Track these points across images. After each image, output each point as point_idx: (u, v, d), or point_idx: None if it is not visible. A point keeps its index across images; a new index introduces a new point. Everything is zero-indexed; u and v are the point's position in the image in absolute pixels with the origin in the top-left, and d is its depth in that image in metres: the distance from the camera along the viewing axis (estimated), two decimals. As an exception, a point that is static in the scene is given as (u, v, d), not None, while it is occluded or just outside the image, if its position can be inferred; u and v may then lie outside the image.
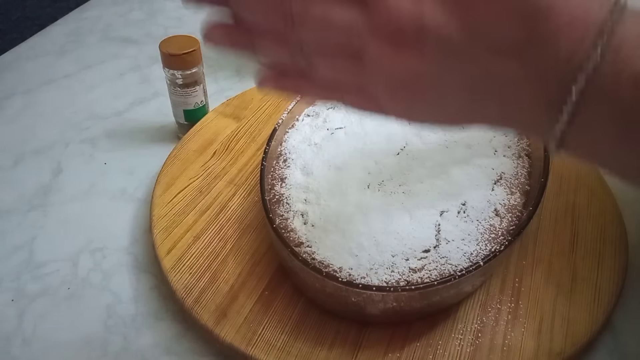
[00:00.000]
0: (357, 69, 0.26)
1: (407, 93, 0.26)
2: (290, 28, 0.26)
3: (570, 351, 0.43)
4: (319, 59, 0.27)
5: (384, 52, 0.25)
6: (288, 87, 0.30)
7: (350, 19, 0.25)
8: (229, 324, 0.45)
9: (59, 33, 0.85)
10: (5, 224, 0.57)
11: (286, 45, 0.27)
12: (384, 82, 0.26)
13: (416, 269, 0.43)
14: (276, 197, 0.49)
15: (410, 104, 0.27)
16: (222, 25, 0.28)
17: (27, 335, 0.47)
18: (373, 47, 0.25)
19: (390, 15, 0.24)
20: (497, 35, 0.24)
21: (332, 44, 0.26)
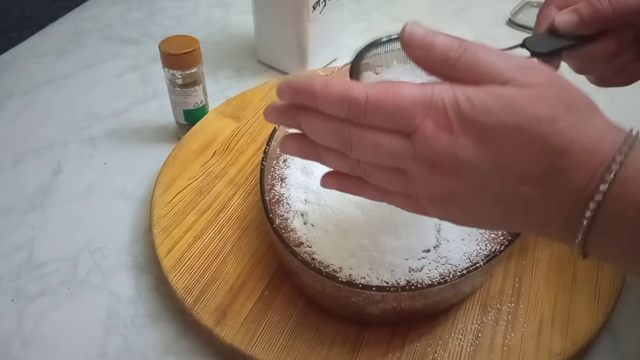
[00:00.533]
0: (404, 182, 0.31)
1: (445, 204, 0.31)
2: (348, 151, 0.31)
3: (570, 351, 0.43)
4: (372, 172, 0.32)
5: (424, 173, 0.30)
6: (348, 188, 0.35)
7: (397, 147, 0.29)
8: (229, 324, 0.45)
9: (58, 33, 0.85)
10: (5, 224, 0.57)
11: (346, 160, 0.32)
12: (424, 194, 0.31)
13: (416, 269, 0.43)
14: (276, 197, 0.49)
15: (449, 212, 0.32)
16: (295, 136, 0.33)
17: (27, 335, 0.47)
18: (415, 168, 0.30)
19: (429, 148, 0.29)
20: (522, 169, 0.28)
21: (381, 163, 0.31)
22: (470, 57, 0.29)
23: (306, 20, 0.68)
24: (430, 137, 0.28)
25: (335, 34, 0.75)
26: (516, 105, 0.27)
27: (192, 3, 0.92)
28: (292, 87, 0.31)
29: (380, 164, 0.31)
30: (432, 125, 0.28)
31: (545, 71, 0.29)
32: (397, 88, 0.29)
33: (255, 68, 0.78)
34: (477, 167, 0.28)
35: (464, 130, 0.28)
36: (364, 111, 0.29)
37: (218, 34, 0.84)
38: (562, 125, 0.27)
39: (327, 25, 0.72)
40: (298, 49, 0.72)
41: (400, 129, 0.29)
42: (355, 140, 0.30)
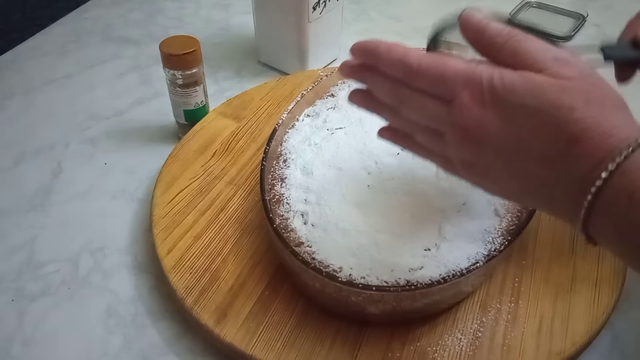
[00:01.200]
0: (441, 144, 0.35)
1: (474, 170, 0.35)
2: (400, 107, 0.36)
3: (570, 351, 0.43)
4: (417, 130, 0.36)
5: (456, 138, 0.33)
6: (398, 142, 0.40)
7: (437, 111, 0.33)
8: (229, 324, 0.45)
9: (59, 33, 0.85)
10: (5, 224, 0.57)
11: (398, 117, 0.37)
12: (457, 157, 0.35)
13: (416, 269, 0.43)
14: (276, 197, 0.49)
15: (477, 179, 0.35)
16: (361, 91, 0.39)
17: (27, 335, 0.47)
18: (450, 132, 0.33)
19: (462, 116, 0.32)
20: (538, 150, 0.31)
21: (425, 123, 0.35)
22: (515, 44, 0.32)
23: (306, 20, 0.68)
24: (464, 106, 0.32)
25: (335, 35, 0.75)
26: (541, 90, 0.30)
27: (193, 3, 0.92)
28: (362, 47, 0.36)
29: (423, 124, 0.35)
30: (468, 97, 0.32)
31: (580, 67, 0.31)
32: (446, 60, 0.33)
33: (255, 68, 0.78)
34: (501, 142, 0.32)
35: (493, 106, 0.31)
36: (415, 75, 0.33)
37: (218, 35, 0.84)
38: (579, 116, 0.29)
39: (327, 25, 0.72)
40: (298, 50, 0.72)
41: (443, 95, 0.33)
42: (405, 99, 0.35)
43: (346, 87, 0.59)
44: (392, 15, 0.89)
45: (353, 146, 0.52)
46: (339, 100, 0.57)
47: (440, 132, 0.34)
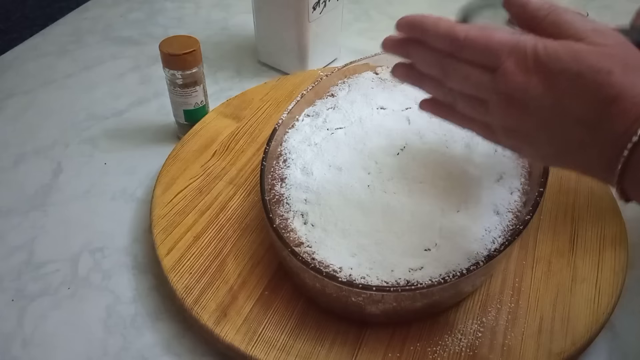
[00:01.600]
0: (484, 111, 0.37)
1: (515, 135, 0.36)
2: (444, 78, 0.38)
3: (570, 351, 0.43)
4: (460, 100, 0.38)
5: (500, 104, 0.35)
6: (440, 113, 0.42)
7: (482, 79, 0.35)
8: (229, 324, 0.45)
9: (59, 33, 0.85)
10: (5, 224, 0.57)
11: (441, 87, 0.39)
12: (499, 124, 0.37)
13: (416, 269, 0.43)
14: (276, 197, 0.49)
15: (517, 144, 0.37)
16: (404, 65, 0.41)
17: (27, 335, 0.47)
18: (494, 100, 0.35)
19: (507, 83, 0.34)
20: (578, 112, 0.33)
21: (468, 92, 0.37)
22: (555, 17, 0.35)
23: (306, 20, 0.68)
24: (510, 73, 0.34)
25: (335, 35, 0.75)
26: (582, 56, 0.32)
27: (193, 4, 0.92)
28: (409, 22, 0.38)
29: (467, 93, 0.37)
30: (513, 65, 0.34)
31: (616, 36, 0.34)
32: (492, 32, 0.35)
33: (255, 68, 0.78)
34: (543, 105, 0.34)
35: (537, 73, 0.33)
36: (461, 46, 0.35)
37: (218, 35, 0.84)
38: (617, 79, 0.32)
39: (327, 25, 0.72)
40: (298, 50, 0.72)
41: (488, 64, 0.35)
42: (451, 69, 0.37)
43: (346, 87, 0.59)
44: (392, 15, 0.89)
45: (353, 146, 0.52)
46: (339, 100, 0.57)
47: (484, 100, 0.36)
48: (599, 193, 0.56)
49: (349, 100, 0.57)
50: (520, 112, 0.35)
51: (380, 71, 0.61)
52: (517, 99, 0.34)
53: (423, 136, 0.52)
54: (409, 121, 0.54)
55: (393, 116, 0.55)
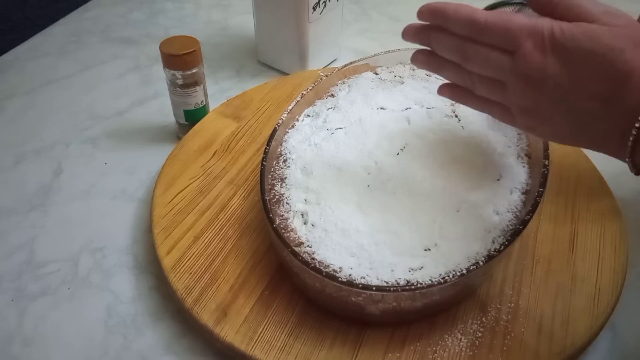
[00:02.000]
0: (502, 93, 0.40)
1: (532, 115, 0.39)
2: (464, 62, 0.40)
3: (570, 351, 0.43)
4: (479, 83, 0.41)
5: (519, 85, 0.38)
6: (458, 97, 0.45)
7: (501, 61, 0.38)
8: (229, 324, 0.45)
9: (59, 33, 0.85)
10: (5, 224, 0.57)
11: (460, 72, 0.41)
12: (517, 105, 0.39)
13: (416, 269, 0.43)
14: (276, 197, 0.49)
15: (533, 123, 0.40)
16: (425, 51, 0.43)
17: (27, 335, 0.47)
18: (512, 81, 0.38)
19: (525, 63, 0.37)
20: (593, 88, 0.35)
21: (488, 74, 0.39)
22: (569, 2, 0.37)
23: (306, 21, 0.68)
24: (528, 55, 0.36)
25: (335, 35, 0.75)
26: (596, 36, 0.35)
27: (193, 4, 0.92)
28: (430, 9, 0.40)
29: (486, 76, 0.40)
30: (531, 46, 0.36)
31: (626, 17, 0.36)
32: (511, 15, 0.37)
33: (255, 68, 0.78)
34: (559, 83, 0.36)
35: (553, 53, 0.36)
36: (481, 30, 0.38)
37: (218, 35, 0.84)
38: (629, 56, 0.34)
39: (327, 26, 0.72)
40: (298, 50, 0.72)
41: (507, 47, 0.37)
42: (472, 53, 0.39)
43: (346, 87, 0.59)
44: (392, 15, 0.89)
45: (353, 146, 0.52)
46: (339, 100, 0.57)
47: (502, 82, 0.39)
48: (599, 193, 0.56)
49: (349, 101, 0.57)
50: (537, 91, 0.37)
51: (380, 71, 0.61)
52: (535, 78, 0.37)
53: (423, 136, 0.52)
54: (409, 121, 0.54)
55: (393, 116, 0.55)
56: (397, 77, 0.60)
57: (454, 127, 0.53)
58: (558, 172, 0.57)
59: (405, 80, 0.59)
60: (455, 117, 0.54)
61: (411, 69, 0.60)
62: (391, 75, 0.60)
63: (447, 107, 0.55)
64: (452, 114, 0.54)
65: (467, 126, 0.53)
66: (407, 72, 0.60)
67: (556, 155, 0.58)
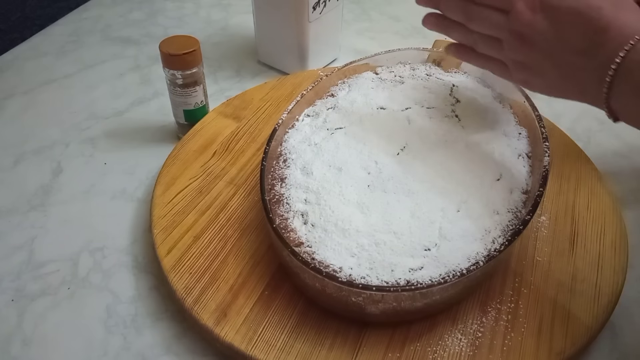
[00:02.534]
0: (499, 49, 0.45)
1: (525, 68, 0.44)
2: (468, 22, 0.46)
3: (570, 351, 0.43)
4: (480, 40, 0.47)
5: (514, 41, 0.43)
6: (463, 55, 0.50)
7: (498, 20, 0.44)
8: (229, 324, 0.45)
9: (59, 33, 0.85)
10: (5, 224, 0.57)
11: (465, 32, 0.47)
12: (512, 59, 0.45)
13: (416, 269, 0.43)
14: (276, 197, 0.49)
15: (527, 76, 0.45)
16: (434, 14, 0.49)
17: (27, 335, 0.47)
18: (508, 38, 0.44)
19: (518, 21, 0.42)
20: (575, 42, 0.40)
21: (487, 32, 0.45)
22: None
23: (306, 20, 0.68)
24: (520, 13, 0.42)
25: (335, 35, 0.75)
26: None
27: (193, 3, 0.92)
28: None
29: (486, 34, 0.45)
30: (522, 6, 0.42)
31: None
32: None
33: (255, 68, 0.78)
34: (547, 39, 0.41)
35: (542, 10, 0.41)
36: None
37: (218, 35, 0.84)
38: (606, 13, 0.39)
39: (327, 25, 0.72)
40: (298, 49, 0.72)
41: (503, 7, 0.43)
42: (473, 14, 0.45)
43: (346, 87, 0.59)
44: (392, 15, 0.89)
45: (353, 146, 0.52)
46: (339, 100, 0.57)
47: (499, 39, 0.44)
48: (599, 193, 0.56)
49: (349, 100, 0.57)
50: (528, 46, 0.42)
51: (380, 71, 0.61)
52: (526, 34, 0.42)
53: (423, 136, 0.52)
54: (409, 121, 0.54)
55: (393, 116, 0.55)
56: (397, 77, 0.60)
57: (454, 127, 0.53)
58: (558, 172, 0.57)
59: (406, 80, 0.59)
60: (456, 117, 0.54)
61: (411, 69, 0.60)
62: (391, 75, 0.60)
63: (447, 107, 0.55)
64: (452, 114, 0.54)
65: (467, 126, 0.53)
66: (407, 72, 0.60)
67: (556, 155, 0.58)
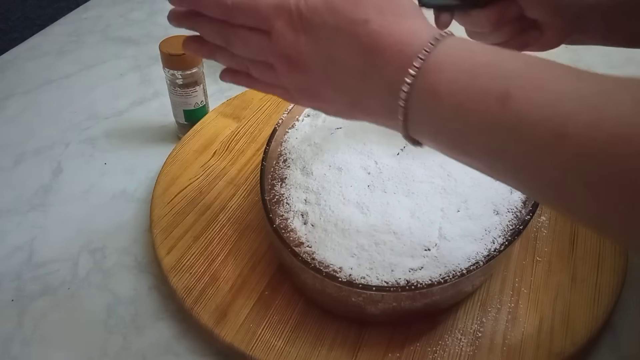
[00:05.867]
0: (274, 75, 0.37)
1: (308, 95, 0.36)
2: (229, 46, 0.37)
3: (570, 351, 0.43)
4: (251, 66, 0.38)
5: (283, 67, 0.35)
6: (241, 82, 0.41)
7: (260, 43, 0.35)
8: (229, 324, 0.45)
9: (59, 33, 0.85)
10: (5, 224, 0.57)
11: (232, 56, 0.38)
12: (290, 85, 0.36)
13: (416, 269, 0.43)
14: (276, 197, 0.49)
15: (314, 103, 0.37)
16: (194, 38, 0.40)
17: (27, 335, 0.47)
18: (277, 62, 0.35)
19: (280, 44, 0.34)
20: (347, 65, 0.33)
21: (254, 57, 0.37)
22: None
23: (306, 20, 0.68)
24: (280, 35, 0.34)
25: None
26: (337, 8, 0.32)
27: (193, 3, 0.92)
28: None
29: (254, 59, 0.37)
30: (282, 25, 0.34)
31: None
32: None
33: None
34: (316, 62, 0.34)
35: (304, 30, 0.33)
36: (231, 12, 0.35)
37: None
38: (374, 27, 0.31)
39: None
40: (298, 49, 0.72)
41: (261, 27, 0.35)
42: (231, 37, 0.37)
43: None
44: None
45: (353, 146, 0.52)
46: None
47: (271, 64, 0.36)
48: (599, 193, 0.55)
49: (349, 100, 0.57)
50: (301, 71, 0.34)
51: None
52: (293, 58, 0.34)
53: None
54: (409, 121, 0.54)
55: (393, 116, 0.55)
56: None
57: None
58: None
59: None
60: (455, 117, 0.54)
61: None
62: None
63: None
64: (452, 113, 0.54)
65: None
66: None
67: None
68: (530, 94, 0.28)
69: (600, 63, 0.71)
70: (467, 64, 0.30)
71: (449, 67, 0.30)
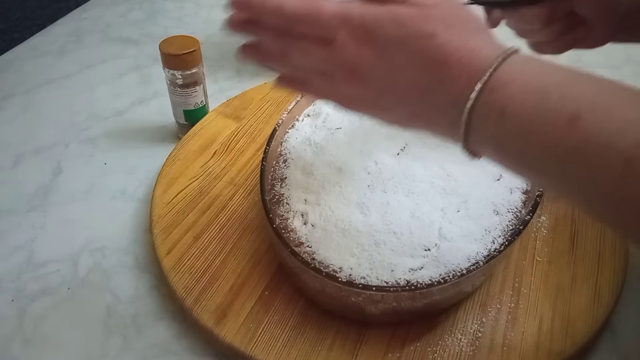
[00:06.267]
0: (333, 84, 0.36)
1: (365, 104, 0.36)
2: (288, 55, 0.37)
3: (570, 351, 0.43)
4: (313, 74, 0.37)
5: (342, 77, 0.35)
6: (297, 88, 0.41)
7: (321, 53, 0.35)
8: (229, 324, 0.45)
9: (59, 33, 0.85)
10: (5, 224, 0.57)
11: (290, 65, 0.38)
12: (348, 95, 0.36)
13: (416, 269, 0.43)
14: (276, 197, 0.49)
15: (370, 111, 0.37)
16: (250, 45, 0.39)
17: (27, 335, 0.47)
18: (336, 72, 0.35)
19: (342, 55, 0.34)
20: (410, 78, 0.33)
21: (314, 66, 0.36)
22: None
23: (306, 20, 0.68)
24: (343, 45, 0.33)
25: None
26: (404, 21, 0.32)
27: (193, 3, 0.92)
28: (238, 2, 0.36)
29: (313, 68, 0.36)
30: (345, 36, 0.33)
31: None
32: (320, 3, 0.34)
33: (255, 68, 0.77)
34: (378, 74, 0.33)
35: (368, 42, 0.33)
36: (292, 22, 0.35)
37: (218, 35, 0.84)
38: (441, 41, 0.31)
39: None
40: (298, 49, 0.72)
41: (323, 37, 0.34)
42: (290, 46, 0.36)
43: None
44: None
45: (353, 146, 0.52)
46: (339, 100, 0.57)
47: (330, 73, 0.35)
48: (599, 193, 0.55)
49: (349, 100, 0.57)
50: (362, 81, 0.34)
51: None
52: (355, 69, 0.34)
53: (423, 136, 0.52)
54: (409, 121, 0.54)
55: (393, 116, 0.55)
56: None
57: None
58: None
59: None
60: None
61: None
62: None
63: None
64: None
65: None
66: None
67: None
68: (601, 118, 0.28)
69: (601, 62, 0.71)
70: (535, 83, 0.30)
71: (517, 84, 0.30)
